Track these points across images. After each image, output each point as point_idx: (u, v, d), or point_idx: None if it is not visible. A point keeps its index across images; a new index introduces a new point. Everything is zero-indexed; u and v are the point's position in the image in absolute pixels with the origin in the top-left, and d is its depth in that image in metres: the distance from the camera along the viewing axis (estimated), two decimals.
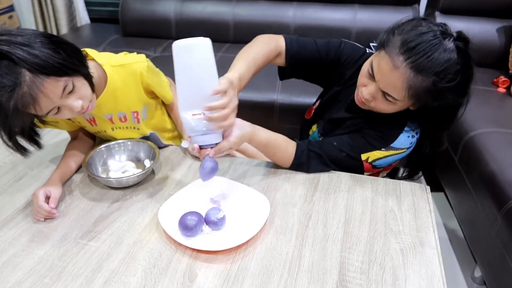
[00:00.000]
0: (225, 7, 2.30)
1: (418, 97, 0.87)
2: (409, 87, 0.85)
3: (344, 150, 1.01)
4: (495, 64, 2.07)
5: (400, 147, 1.00)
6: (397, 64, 0.84)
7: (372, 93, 0.92)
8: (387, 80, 0.87)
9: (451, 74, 0.84)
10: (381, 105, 0.93)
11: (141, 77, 1.01)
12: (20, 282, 0.74)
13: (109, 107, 1.01)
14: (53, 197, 0.90)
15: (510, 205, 1.24)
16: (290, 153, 1.02)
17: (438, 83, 0.83)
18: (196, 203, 0.91)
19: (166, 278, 0.75)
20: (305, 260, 0.79)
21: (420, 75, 0.83)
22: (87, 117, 1.03)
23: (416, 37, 0.83)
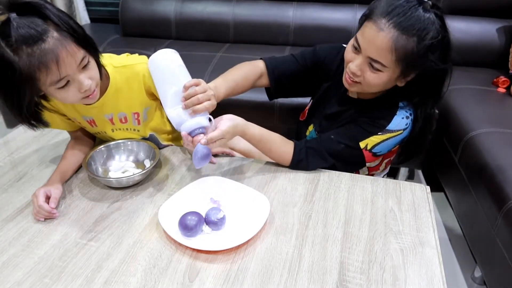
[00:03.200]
0: (225, 7, 2.30)
1: (404, 60, 0.90)
2: (395, 48, 0.88)
3: (341, 142, 1.02)
4: (495, 64, 2.06)
5: (396, 129, 1.00)
6: (381, 26, 0.88)
7: (359, 65, 0.94)
8: (373, 44, 0.90)
9: (432, 32, 0.88)
10: (369, 78, 0.94)
11: (144, 79, 1.00)
12: (20, 282, 0.74)
13: (110, 107, 1.01)
14: (53, 197, 0.90)
15: (510, 205, 1.24)
16: (287, 150, 1.03)
17: (421, 41, 0.87)
18: (196, 203, 0.91)
19: (166, 278, 0.75)
20: (305, 260, 0.79)
21: (404, 34, 0.87)
22: (88, 119, 1.03)
23: (395, 1, 0.89)
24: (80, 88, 0.85)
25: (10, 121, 2.12)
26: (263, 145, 1.01)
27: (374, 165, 1.11)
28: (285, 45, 2.25)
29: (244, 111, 1.93)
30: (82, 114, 1.02)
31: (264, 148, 1.02)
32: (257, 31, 2.28)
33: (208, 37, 2.30)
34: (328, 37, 2.16)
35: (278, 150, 1.03)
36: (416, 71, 0.94)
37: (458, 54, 2.31)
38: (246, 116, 1.21)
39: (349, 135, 1.02)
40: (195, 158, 0.90)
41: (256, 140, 1.00)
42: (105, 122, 1.04)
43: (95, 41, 0.90)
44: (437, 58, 0.91)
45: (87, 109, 1.00)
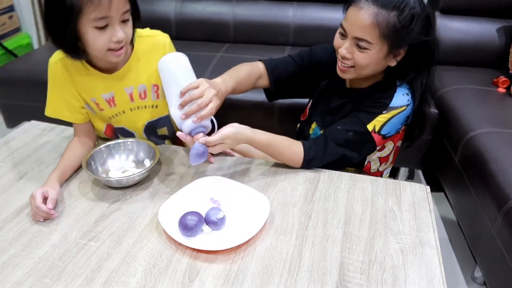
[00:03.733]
0: (225, 7, 2.30)
1: (388, 35, 0.93)
2: (377, 23, 0.92)
3: (349, 129, 1.02)
4: (495, 64, 2.06)
5: (399, 105, 1.01)
6: (361, 5, 0.93)
7: (348, 47, 0.98)
8: (356, 24, 0.94)
9: (410, 3, 0.91)
10: (359, 58, 0.97)
11: (164, 49, 1.06)
12: (20, 282, 0.74)
13: (132, 77, 1.04)
14: (51, 198, 0.90)
15: (510, 205, 1.24)
16: (297, 151, 1.03)
17: (401, 13, 0.91)
18: (196, 203, 0.91)
19: (166, 278, 0.75)
20: (305, 260, 0.79)
21: (383, 9, 0.91)
22: (108, 96, 1.05)
23: None
24: (113, 37, 0.90)
25: (10, 121, 2.12)
26: (272, 150, 1.01)
27: (385, 154, 1.12)
28: (285, 45, 2.25)
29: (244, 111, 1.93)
30: (103, 91, 1.04)
31: (274, 153, 1.03)
32: (257, 31, 2.28)
33: (208, 37, 2.30)
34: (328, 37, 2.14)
35: (288, 152, 1.03)
36: (402, 45, 0.96)
37: (458, 54, 2.33)
38: (246, 116, 1.21)
39: (355, 121, 1.03)
40: (191, 154, 0.91)
41: (265, 146, 1.00)
42: (125, 98, 1.06)
43: None
44: (419, 30, 0.94)
45: (110, 83, 1.03)
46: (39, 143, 1.16)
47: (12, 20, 2.80)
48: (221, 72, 1.31)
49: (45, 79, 2.07)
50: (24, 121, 1.26)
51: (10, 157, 1.10)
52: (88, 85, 1.04)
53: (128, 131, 1.15)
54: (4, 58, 2.69)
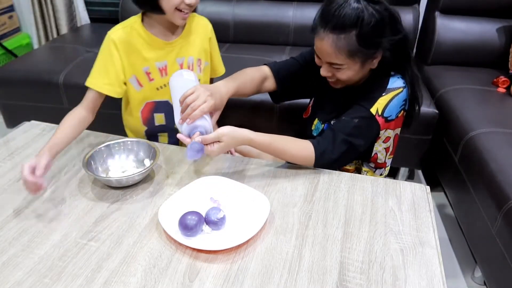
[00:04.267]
0: (225, 7, 2.30)
1: (355, 53, 0.96)
2: (338, 49, 0.96)
3: (354, 116, 1.03)
4: (495, 64, 2.07)
5: (397, 87, 1.05)
6: (321, 36, 0.97)
7: (325, 69, 1.04)
8: (322, 52, 1.00)
9: (366, 17, 0.92)
10: (339, 75, 1.03)
11: (211, 35, 1.22)
12: (20, 282, 0.74)
13: (183, 49, 1.17)
14: (38, 167, 0.88)
15: (510, 205, 1.24)
16: (306, 146, 1.02)
17: (360, 31, 0.93)
18: (196, 203, 0.91)
19: (166, 278, 0.75)
20: (305, 260, 0.79)
21: (341, 34, 0.94)
22: (161, 65, 1.15)
23: (327, 7, 0.97)
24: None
25: (10, 121, 2.12)
26: (275, 147, 1.00)
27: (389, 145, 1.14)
28: (285, 45, 2.25)
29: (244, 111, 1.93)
30: (158, 59, 1.14)
31: (277, 150, 1.01)
32: (257, 31, 2.28)
33: None
34: None
35: (295, 148, 1.01)
36: (375, 52, 0.99)
37: (458, 54, 2.33)
38: (246, 116, 1.21)
39: (358, 108, 1.04)
40: (187, 150, 0.92)
41: (267, 144, 0.99)
42: (176, 68, 1.15)
43: (95, 41, 0.91)
44: (388, 34, 0.97)
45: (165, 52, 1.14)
46: (39, 143, 1.16)
47: (12, 20, 2.80)
48: None
49: (45, 79, 2.07)
50: (24, 121, 1.26)
51: (10, 157, 1.10)
52: (145, 53, 1.13)
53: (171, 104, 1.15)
54: (4, 58, 2.69)
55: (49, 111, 1.99)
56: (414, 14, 2.19)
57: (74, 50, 2.20)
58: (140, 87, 1.17)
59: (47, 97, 1.96)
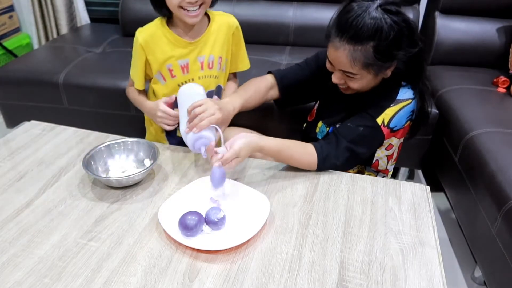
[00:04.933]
0: (225, 7, 2.30)
1: (370, 64, 0.95)
2: (354, 60, 0.95)
3: (360, 124, 1.03)
4: (495, 64, 2.06)
5: (406, 98, 1.04)
6: (337, 45, 0.96)
7: (339, 76, 1.04)
8: (337, 61, 0.99)
9: (384, 30, 0.91)
10: (351, 84, 1.02)
11: (232, 30, 1.22)
12: (20, 282, 0.74)
13: (205, 48, 1.19)
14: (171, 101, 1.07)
15: (510, 205, 1.24)
16: (310, 151, 1.02)
17: (378, 44, 0.93)
18: (196, 203, 0.91)
19: (166, 278, 0.75)
20: (305, 260, 0.79)
21: (358, 45, 0.93)
22: (183, 63, 1.19)
23: (344, 16, 0.95)
24: None
25: (10, 121, 2.12)
26: (283, 155, 1.01)
27: (392, 152, 1.14)
28: (285, 45, 2.25)
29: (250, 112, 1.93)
30: (180, 57, 1.18)
31: (285, 157, 1.02)
32: (257, 31, 2.28)
33: None
34: None
35: (300, 155, 1.02)
36: (390, 64, 0.98)
37: (458, 54, 2.33)
38: (246, 116, 1.21)
39: (365, 116, 1.04)
40: (212, 181, 0.92)
41: (275, 152, 1.00)
42: (197, 66, 1.20)
43: (95, 41, 0.92)
44: (405, 46, 0.95)
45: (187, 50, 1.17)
46: (39, 143, 1.16)
47: (12, 20, 2.80)
48: None
49: (45, 79, 2.07)
50: (24, 121, 1.26)
51: (10, 157, 1.10)
52: (169, 51, 1.17)
53: None
54: (4, 58, 2.69)
55: (49, 111, 1.99)
56: (414, 14, 2.19)
57: (74, 50, 2.20)
58: (164, 82, 1.22)
59: (47, 97, 1.96)
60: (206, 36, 1.19)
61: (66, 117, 1.98)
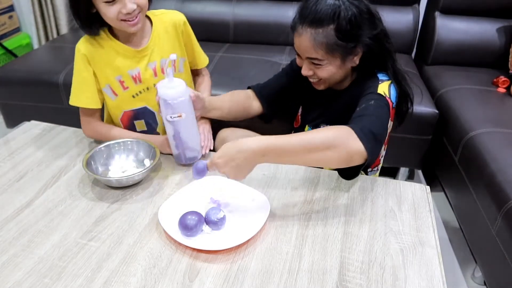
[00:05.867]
0: (225, 7, 2.30)
1: (334, 48, 0.95)
2: (318, 43, 0.95)
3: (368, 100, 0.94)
4: (495, 64, 2.06)
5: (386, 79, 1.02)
6: (299, 32, 0.97)
7: (306, 66, 1.03)
8: (302, 48, 0.99)
9: (342, 11, 0.93)
10: (319, 73, 1.01)
11: (184, 26, 1.18)
12: (20, 282, 0.74)
13: (154, 53, 1.13)
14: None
15: (510, 205, 1.24)
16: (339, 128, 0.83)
17: (338, 25, 0.93)
18: (196, 203, 0.91)
19: (166, 278, 0.75)
20: (305, 260, 0.79)
21: (318, 29, 0.94)
22: (134, 73, 1.12)
23: (305, 3, 0.98)
24: (123, 9, 0.98)
25: (10, 121, 2.12)
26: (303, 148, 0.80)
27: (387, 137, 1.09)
28: (285, 45, 2.25)
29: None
30: (130, 67, 1.12)
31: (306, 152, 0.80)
32: (257, 31, 2.28)
33: (208, 37, 2.30)
34: None
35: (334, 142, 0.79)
36: (355, 47, 0.97)
37: (458, 54, 2.33)
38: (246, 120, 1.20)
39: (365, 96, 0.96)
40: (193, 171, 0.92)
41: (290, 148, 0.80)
42: (149, 74, 1.13)
43: None
44: (366, 28, 0.96)
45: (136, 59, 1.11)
46: (39, 143, 1.16)
47: (12, 20, 2.80)
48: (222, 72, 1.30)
49: (45, 79, 2.07)
50: (24, 121, 1.26)
51: (10, 157, 1.10)
52: (116, 62, 1.11)
53: (150, 110, 1.19)
54: (4, 58, 2.69)
55: (49, 111, 1.99)
56: (414, 14, 2.19)
57: (74, 50, 2.20)
58: (115, 96, 1.15)
59: (47, 97, 1.96)
60: (152, 41, 1.12)
61: (66, 117, 1.98)
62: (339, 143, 0.80)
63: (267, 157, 0.82)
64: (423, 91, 1.83)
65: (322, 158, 0.81)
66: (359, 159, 0.81)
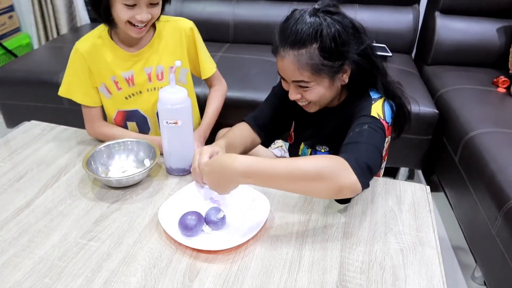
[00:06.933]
0: (225, 7, 2.30)
1: (320, 68, 0.90)
2: (301, 65, 0.90)
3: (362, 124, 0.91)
4: (495, 64, 2.07)
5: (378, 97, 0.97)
6: (282, 55, 0.92)
7: (293, 91, 0.97)
8: (286, 72, 0.94)
9: (325, 29, 0.88)
10: (308, 96, 0.96)
11: (185, 35, 1.16)
12: (20, 282, 0.74)
13: (152, 58, 1.14)
14: None
15: (510, 205, 1.24)
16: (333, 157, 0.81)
17: (322, 44, 0.88)
18: (196, 203, 0.91)
19: (166, 278, 0.75)
20: (305, 260, 0.79)
21: (301, 50, 0.89)
22: (128, 75, 1.13)
23: (284, 24, 0.92)
24: (137, 15, 1.01)
25: (10, 121, 2.12)
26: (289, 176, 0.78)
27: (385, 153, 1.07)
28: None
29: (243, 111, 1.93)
30: (124, 69, 1.12)
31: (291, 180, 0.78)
32: (257, 31, 2.28)
33: (208, 37, 2.29)
34: None
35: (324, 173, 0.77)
36: (342, 65, 0.92)
37: (458, 54, 2.33)
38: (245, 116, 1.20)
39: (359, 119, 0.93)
40: None
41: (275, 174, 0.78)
42: (143, 78, 1.14)
43: None
44: (352, 43, 0.90)
45: (132, 62, 1.12)
46: (39, 143, 1.16)
47: (12, 20, 2.80)
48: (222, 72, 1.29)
49: (45, 79, 2.07)
50: (24, 121, 1.26)
51: (10, 157, 1.10)
52: (111, 63, 1.12)
53: (142, 114, 1.19)
54: (4, 58, 2.69)
55: (49, 111, 2.00)
56: (414, 14, 2.19)
57: None
58: (110, 95, 1.16)
59: (47, 97, 1.96)
60: (151, 46, 1.13)
61: (66, 117, 1.98)
62: (329, 174, 0.77)
63: (250, 179, 0.81)
64: (423, 91, 1.83)
65: (309, 189, 0.80)
66: (349, 192, 0.79)
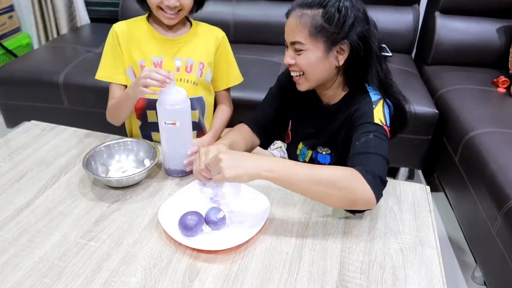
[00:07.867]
0: (225, 7, 2.30)
1: (318, 33, 0.93)
2: (303, 22, 0.94)
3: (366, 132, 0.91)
4: (495, 64, 2.07)
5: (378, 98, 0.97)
6: (291, 14, 0.98)
7: (288, 55, 1.01)
8: (288, 30, 1.00)
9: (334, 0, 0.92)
10: (300, 62, 0.98)
11: (222, 41, 1.24)
12: (20, 282, 0.74)
13: (184, 49, 1.19)
14: None
15: (510, 205, 1.24)
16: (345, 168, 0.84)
17: (327, 10, 0.92)
18: (196, 203, 0.91)
19: (166, 278, 0.75)
20: (305, 260, 0.79)
21: (307, 10, 0.94)
22: (157, 60, 1.17)
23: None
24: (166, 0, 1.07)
25: (10, 121, 2.12)
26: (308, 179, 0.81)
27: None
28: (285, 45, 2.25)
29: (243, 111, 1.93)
30: (156, 53, 1.17)
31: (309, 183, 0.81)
32: (257, 31, 2.28)
33: None
34: None
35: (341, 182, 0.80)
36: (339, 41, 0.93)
37: (458, 54, 2.33)
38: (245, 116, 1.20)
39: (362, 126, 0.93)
40: None
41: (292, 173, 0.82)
42: (172, 66, 1.17)
43: (95, 41, 0.92)
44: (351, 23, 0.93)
45: (164, 48, 1.17)
46: (39, 143, 1.16)
47: (12, 20, 2.80)
48: None
49: (45, 79, 2.07)
50: (24, 121, 1.26)
51: (10, 157, 1.10)
52: (144, 46, 1.17)
53: None
54: (4, 58, 2.69)
55: (49, 111, 2.00)
56: (414, 14, 2.19)
57: (74, 50, 2.20)
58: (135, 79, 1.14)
59: (47, 97, 1.96)
60: (186, 37, 1.19)
61: (66, 117, 1.98)
62: (347, 185, 0.81)
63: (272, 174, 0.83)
64: (422, 91, 1.83)
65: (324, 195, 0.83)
66: (363, 205, 0.84)
